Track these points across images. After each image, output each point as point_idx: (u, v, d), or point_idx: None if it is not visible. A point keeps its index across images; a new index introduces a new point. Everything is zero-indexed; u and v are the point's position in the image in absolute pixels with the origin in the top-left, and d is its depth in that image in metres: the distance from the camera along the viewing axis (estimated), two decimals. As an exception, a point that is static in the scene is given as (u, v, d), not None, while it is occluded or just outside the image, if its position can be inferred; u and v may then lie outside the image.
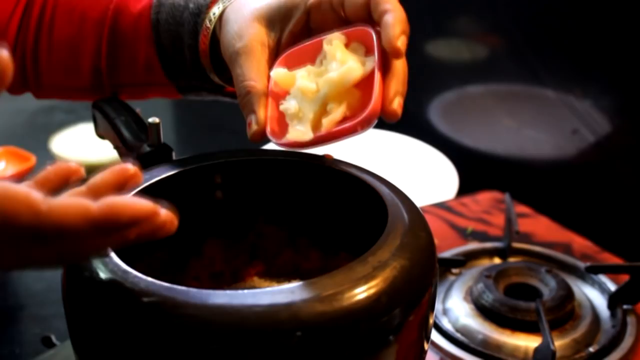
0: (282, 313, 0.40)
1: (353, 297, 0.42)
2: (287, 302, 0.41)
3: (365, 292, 0.42)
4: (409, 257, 0.46)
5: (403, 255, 0.46)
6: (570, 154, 1.04)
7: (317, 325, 0.41)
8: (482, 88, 1.17)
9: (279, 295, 0.41)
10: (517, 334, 0.72)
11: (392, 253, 0.45)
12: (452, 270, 0.83)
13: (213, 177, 0.59)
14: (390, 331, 0.44)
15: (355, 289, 0.42)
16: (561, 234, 0.91)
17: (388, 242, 0.46)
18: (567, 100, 1.01)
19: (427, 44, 1.23)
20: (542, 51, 1.04)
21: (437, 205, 0.97)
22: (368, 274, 0.43)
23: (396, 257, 0.45)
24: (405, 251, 0.46)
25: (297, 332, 0.40)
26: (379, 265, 0.44)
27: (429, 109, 1.23)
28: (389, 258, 0.45)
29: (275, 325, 0.40)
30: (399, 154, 1.21)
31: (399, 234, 0.48)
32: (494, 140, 1.16)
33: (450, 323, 0.75)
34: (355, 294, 0.42)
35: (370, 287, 0.43)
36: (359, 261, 0.44)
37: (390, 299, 0.43)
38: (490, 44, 1.15)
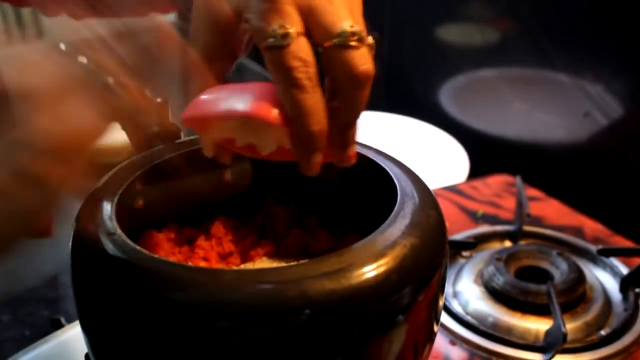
0: (291, 290, 0.40)
1: (362, 275, 0.41)
2: (296, 279, 0.40)
3: (375, 270, 0.42)
4: (419, 236, 0.45)
5: (413, 234, 0.45)
6: (582, 137, 1.03)
7: (325, 302, 0.40)
8: (493, 72, 1.17)
9: (287, 273, 0.41)
10: (528, 317, 0.71)
11: (402, 231, 0.45)
12: (463, 253, 0.82)
13: None
14: (399, 311, 0.43)
15: (365, 267, 0.42)
16: (572, 217, 0.91)
17: (398, 221, 0.46)
18: (579, 83, 1.00)
19: (439, 28, 1.22)
20: (554, 34, 1.03)
21: (447, 189, 0.97)
22: (378, 251, 0.43)
23: (406, 236, 0.45)
24: (415, 230, 0.45)
25: (306, 310, 0.40)
26: (388, 243, 0.43)
27: (441, 92, 1.22)
28: (399, 236, 0.44)
29: (284, 303, 0.40)
30: (410, 137, 1.20)
31: (409, 212, 0.47)
32: (506, 124, 1.15)
33: (460, 306, 0.75)
34: (364, 272, 0.41)
35: (379, 265, 0.42)
36: (368, 239, 0.44)
37: (400, 278, 0.43)
38: (502, 27, 1.14)
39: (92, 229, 0.46)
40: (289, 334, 0.40)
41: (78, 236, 0.47)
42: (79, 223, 0.48)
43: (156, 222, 0.57)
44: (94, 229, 0.46)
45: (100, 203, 0.49)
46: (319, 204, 0.60)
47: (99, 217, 0.47)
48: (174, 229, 0.58)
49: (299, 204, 0.60)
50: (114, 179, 0.53)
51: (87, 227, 0.47)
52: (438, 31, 1.22)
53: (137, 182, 0.54)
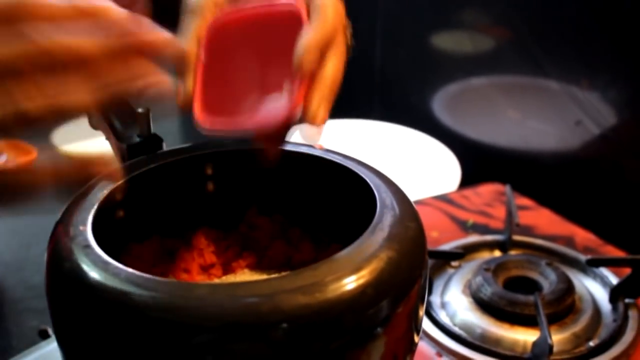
0: (265, 305, 0.39)
1: (337, 289, 0.41)
2: (269, 293, 0.40)
3: (351, 284, 0.41)
4: (397, 249, 0.45)
5: (391, 247, 0.44)
6: (574, 146, 1.02)
7: (300, 317, 0.40)
8: (485, 80, 1.16)
9: (261, 287, 0.40)
10: (516, 328, 0.71)
11: (379, 244, 0.44)
12: (452, 264, 0.82)
13: (203, 167, 0.58)
14: (377, 324, 0.43)
15: (340, 281, 0.41)
16: (563, 227, 0.90)
17: (376, 233, 0.45)
18: (570, 91, 0.99)
19: (431, 36, 1.22)
20: (546, 42, 1.02)
21: (438, 198, 0.96)
22: (354, 265, 0.42)
23: (383, 249, 0.44)
24: (393, 242, 0.45)
25: (282, 324, 0.40)
26: (365, 256, 0.43)
27: (433, 101, 1.22)
28: (376, 249, 0.44)
29: (257, 317, 0.39)
30: (403, 145, 1.20)
31: (387, 224, 0.46)
32: (498, 132, 1.15)
33: (448, 317, 0.74)
34: (340, 286, 0.41)
35: (355, 279, 0.41)
36: (345, 252, 0.43)
37: (376, 291, 0.42)
38: (493, 35, 1.14)
39: (66, 241, 0.46)
40: (264, 349, 0.40)
41: (53, 247, 0.47)
42: (55, 233, 0.48)
43: (138, 233, 0.57)
44: (69, 241, 0.46)
45: (78, 214, 0.49)
46: (303, 214, 0.59)
47: (75, 228, 0.47)
48: (156, 240, 0.57)
49: (282, 215, 0.60)
50: (93, 189, 0.52)
51: (63, 238, 0.46)
52: (431, 39, 1.22)
53: (117, 193, 0.53)
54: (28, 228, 1.08)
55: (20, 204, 0.41)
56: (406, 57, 1.29)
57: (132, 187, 0.54)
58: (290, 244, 0.58)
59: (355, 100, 1.44)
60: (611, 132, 0.97)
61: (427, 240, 0.86)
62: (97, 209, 0.49)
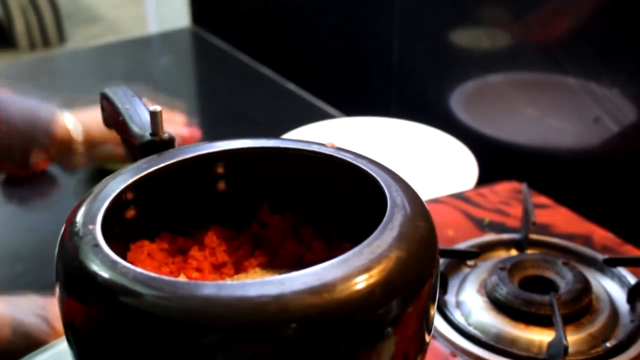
0: (271, 305, 0.39)
1: (345, 290, 0.40)
2: (276, 294, 0.39)
3: (360, 284, 0.41)
4: (407, 249, 0.44)
5: (400, 247, 0.44)
6: (592, 143, 1.01)
7: (306, 317, 0.39)
8: (503, 77, 1.15)
9: (268, 287, 0.40)
10: (532, 328, 0.70)
11: (389, 244, 0.44)
12: (467, 263, 0.81)
13: (215, 166, 0.58)
14: (387, 324, 0.43)
15: (348, 281, 0.41)
16: (582, 226, 0.89)
17: (386, 233, 0.45)
18: (589, 88, 0.98)
19: (448, 33, 1.21)
20: (565, 39, 1.01)
21: (454, 196, 0.96)
22: (362, 265, 0.42)
23: (393, 249, 0.44)
24: (402, 242, 0.45)
25: (291, 324, 0.39)
26: (374, 256, 0.43)
27: (450, 98, 1.21)
28: (385, 249, 0.44)
29: (265, 317, 0.39)
30: (419, 143, 1.19)
31: (397, 224, 0.46)
32: (515, 130, 1.14)
33: (463, 316, 0.73)
34: (347, 286, 0.41)
35: (364, 279, 0.41)
36: (354, 253, 0.43)
37: (385, 291, 0.42)
38: (511, 32, 1.13)
39: (76, 239, 0.46)
40: (273, 349, 0.40)
41: (63, 246, 0.47)
42: (65, 232, 0.48)
43: (150, 231, 0.57)
44: (78, 239, 0.46)
45: (88, 212, 0.49)
46: (315, 213, 0.59)
47: (84, 227, 0.47)
48: (167, 239, 0.57)
49: (294, 214, 0.60)
50: (104, 188, 0.52)
51: (72, 237, 0.46)
52: (448, 36, 1.21)
53: (129, 192, 0.53)
54: (45, 225, 1.08)
55: None
56: (423, 54, 1.28)
57: (143, 186, 0.54)
58: (301, 243, 0.58)
59: (372, 98, 1.44)
60: (630, 129, 0.95)
61: (442, 238, 0.86)
62: (107, 207, 0.49)
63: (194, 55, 2.02)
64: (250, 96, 1.57)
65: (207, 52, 1.92)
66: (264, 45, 1.74)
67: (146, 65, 1.86)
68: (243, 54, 1.79)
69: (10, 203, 1.17)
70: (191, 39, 2.00)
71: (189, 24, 2.02)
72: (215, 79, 1.73)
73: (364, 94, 1.46)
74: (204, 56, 1.94)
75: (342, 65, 1.49)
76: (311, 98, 1.54)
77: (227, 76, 1.71)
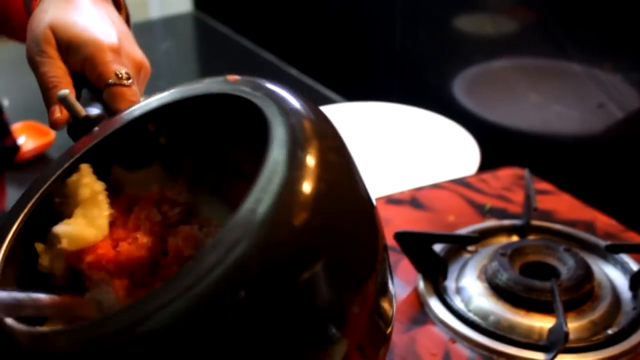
0: None
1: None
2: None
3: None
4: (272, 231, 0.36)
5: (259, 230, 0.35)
6: (596, 129, 1.00)
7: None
8: (506, 62, 1.14)
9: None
10: (532, 315, 0.69)
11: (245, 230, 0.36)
12: (468, 248, 0.80)
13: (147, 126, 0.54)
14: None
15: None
16: (584, 212, 0.88)
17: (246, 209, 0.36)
18: (593, 74, 0.97)
19: (451, 18, 1.20)
20: (569, 24, 1.00)
21: (455, 182, 0.95)
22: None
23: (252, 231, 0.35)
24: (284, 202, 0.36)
25: None
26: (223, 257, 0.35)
27: (452, 83, 1.20)
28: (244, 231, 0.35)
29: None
30: (421, 128, 1.18)
31: (274, 188, 0.37)
32: (518, 116, 1.13)
33: (462, 302, 0.73)
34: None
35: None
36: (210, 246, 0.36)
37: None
38: (515, 17, 1.11)
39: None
40: None
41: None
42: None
43: None
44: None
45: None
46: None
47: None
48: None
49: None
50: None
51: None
52: (451, 21, 1.20)
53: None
54: None
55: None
56: (426, 39, 1.27)
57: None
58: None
59: (374, 83, 1.43)
60: (634, 115, 0.94)
61: (443, 224, 0.85)
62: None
63: (195, 40, 2.00)
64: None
65: (209, 36, 1.90)
66: (266, 30, 1.73)
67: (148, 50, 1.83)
68: (245, 39, 1.78)
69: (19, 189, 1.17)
70: (193, 24, 1.99)
71: (191, 8, 2.01)
72: (217, 64, 1.72)
73: (365, 79, 1.44)
74: (206, 41, 1.93)
75: (344, 51, 1.48)
76: (313, 83, 1.53)
77: (229, 61, 1.70)
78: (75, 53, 0.60)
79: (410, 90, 1.31)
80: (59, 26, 0.61)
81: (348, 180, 0.41)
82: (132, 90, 0.59)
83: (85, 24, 0.61)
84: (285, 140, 0.39)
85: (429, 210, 0.88)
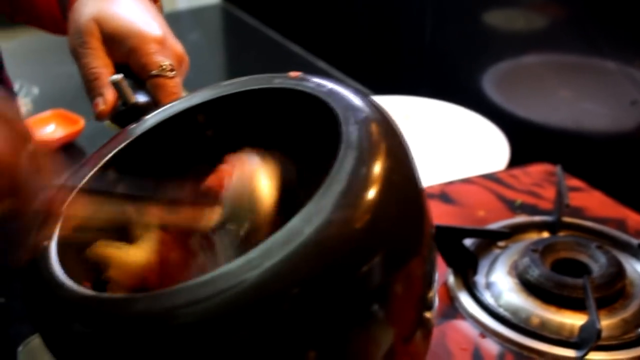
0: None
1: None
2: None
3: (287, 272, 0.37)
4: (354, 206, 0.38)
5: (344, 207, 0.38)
6: (628, 127, 0.99)
7: None
8: (537, 58, 1.13)
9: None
10: (563, 311, 0.69)
11: (329, 208, 0.38)
12: (498, 244, 0.80)
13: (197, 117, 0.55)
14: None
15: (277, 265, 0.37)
16: (615, 210, 0.88)
17: (331, 188, 0.39)
18: (626, 71, 0.96)
19: (482, 12, 1.19)
20: (603, 21, 0.99)
21: (485, 177, 0.94)
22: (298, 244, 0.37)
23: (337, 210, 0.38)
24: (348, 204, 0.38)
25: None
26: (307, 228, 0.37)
27: (482, 78, 1.19)
28: (326, 214, 0.38)
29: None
30: (451, 123, 1.17)
31: (346, 173, 0.39)
32: (549, 112, 1.12)
33: (492, 297, 0.72)
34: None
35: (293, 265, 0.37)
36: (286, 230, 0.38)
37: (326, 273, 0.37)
38: (547, 12, 1.10)
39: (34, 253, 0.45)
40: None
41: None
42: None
43: None
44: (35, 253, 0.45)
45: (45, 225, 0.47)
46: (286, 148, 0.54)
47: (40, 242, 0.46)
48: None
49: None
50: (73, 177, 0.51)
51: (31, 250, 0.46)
52: (482, 16, 1.19)
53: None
54: None
55: None
56: (456, 33, 1.26)
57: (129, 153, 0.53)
58: None
59: (403, 77, 1.42)
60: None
61: (473, 219, 0.85)
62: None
63: (223, 32, 2.01)
64: (280, 74, 1.55)
65: (236, 28, 1.91)
66: (295, 23, 1.73)
67: (175, 41, 1.85)
68: (273, 31, 1.78)
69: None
70: (221, 15, 1.99)
71: (219, 0, 2.01)
72: (245, 56, 1.72)
73: (395, 73, 1.44)
74: (234, 33, 1.93)
75: (374, 44, 1.48)
76: (341, 76, 1.53)
77: (256, 53, 1.70)
78: (120, 44, 0.61)
79: (440, 85, 1.31)
80: (104, 18, 0.62)
81: (408, 177, 0.43)
82: (174, 81, 0.59)
83: (129, 16, 0.62)
84: (355, 138, 0.42)
85: (459, 205, 0.88)
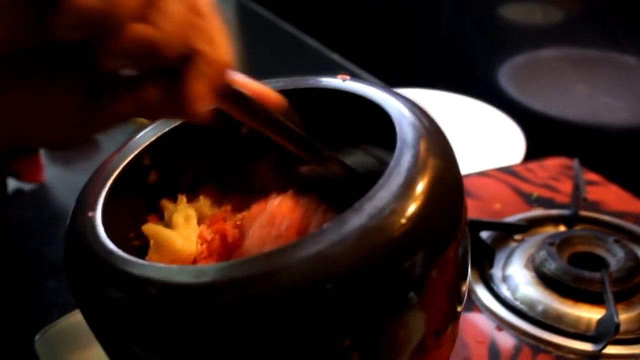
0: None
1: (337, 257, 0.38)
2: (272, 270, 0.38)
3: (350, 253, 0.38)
4: (414, 198, 0.40)
5: (404, 199, 0.40)
6: (647, 121, 0.98)
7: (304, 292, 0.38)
8: (555, 52, 1.13)
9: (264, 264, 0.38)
10: (580, 305, 0.69)
11: (393, 195, 0.40)
12: (515, 237, 0.79)
13: None
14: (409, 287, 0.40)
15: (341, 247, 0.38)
16: (633, 204, 0.87)
17: (391, 180, 0.41)
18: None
19: (500, 6, 1.18)
20: (622, 15, 0.98)
21: (502, 170, 0.94)
22: (358, 229, 0.38)
23: (397, 200, 0.39)
24: (409, 191, 0.40)
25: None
26: (374, 213, 0.39)
27: (499, 72, 1.19)
28: (386, 203, 0.39)
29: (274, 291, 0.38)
30: (466, 116, 1.17)
31: (405, 168, 0.41)
32: (566, 106, 1.11)
33: (509, 290, 0.72)
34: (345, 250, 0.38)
35: (357, 246, 0.38)
36: (349, 214, 0.39)
37: (388, 256, 0.39)
38: (566, 6, 1.10)
39: (77, 227, 0.45)
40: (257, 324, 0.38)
41: (68, 231, 0.46)
42: (71, 217, 0.47)
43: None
44: (79, 227, 0.45)
45: (91, 196, 0.47)
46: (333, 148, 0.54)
47: (85, 214, 0.46)
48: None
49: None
50: (110, 164, 0.51)
51: (74, 223, 0.46)
52: (500, 9, 1.19)
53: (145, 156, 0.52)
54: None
55: None
56: (473, 26, 1.25)
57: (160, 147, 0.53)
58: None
59: (420, 70, 1.42)
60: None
61: (490, 212, 0.84)
62: (110, 188, 0.48)
63: (238, 25, 2.00)
64: (295, 66, 1.55)
65: (251, 21, 1.91)
66: (310, 15, 1.73)
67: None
68: (288, 24, 1.77)
69: (55, 166, 1.18)
70: (235, 8, 1.99)
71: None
72: (259, 49, 1.72)
73: (411, 66, 1.44)
74: (248, 25, 1.93)
75: (389, 37, 1.47)
76: (356, 69, 1.52)
77: (271, 46, 1.70)
78: None
79: (456, 78, 1.30)
80: None
81: (455, 175, 0.46)
82: None
83: None
84: (412, 138, 0.44)
85: (475, 198, 0.87)
